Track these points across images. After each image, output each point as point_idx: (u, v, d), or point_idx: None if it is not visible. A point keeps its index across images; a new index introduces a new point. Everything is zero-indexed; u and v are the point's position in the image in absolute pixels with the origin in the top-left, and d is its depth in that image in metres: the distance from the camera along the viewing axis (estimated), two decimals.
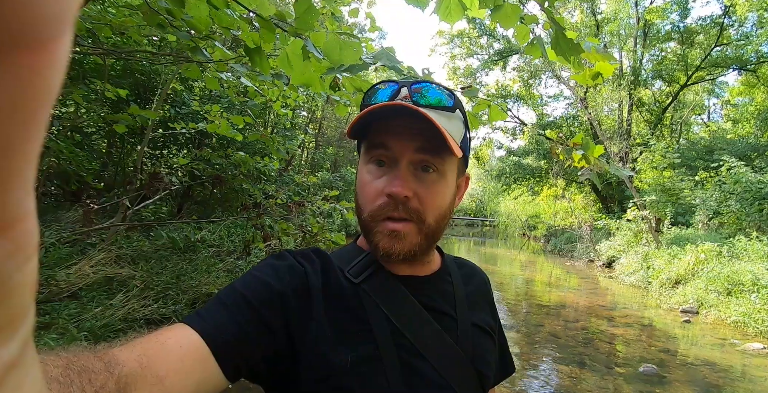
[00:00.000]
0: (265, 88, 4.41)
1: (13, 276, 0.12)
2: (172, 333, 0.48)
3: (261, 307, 0.54)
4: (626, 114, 16.01)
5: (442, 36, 19.78)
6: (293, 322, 0.56)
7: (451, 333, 0.63)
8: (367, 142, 0.62)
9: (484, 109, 2.31)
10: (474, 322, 0.67)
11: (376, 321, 0.58)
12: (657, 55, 16.83)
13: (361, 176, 0.62)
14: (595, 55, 1.86)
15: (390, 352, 0.57)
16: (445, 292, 0.68)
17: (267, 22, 2.09)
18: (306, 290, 0.58)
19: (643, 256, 9.32)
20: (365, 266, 0.63)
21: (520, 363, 4.16)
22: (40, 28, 0.11)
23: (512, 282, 9.22)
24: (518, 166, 20.20)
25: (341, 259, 0.65)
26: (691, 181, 11.08)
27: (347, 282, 0.61)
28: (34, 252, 0.13)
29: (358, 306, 0.59)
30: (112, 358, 0.40)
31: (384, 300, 0.60)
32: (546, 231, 18.46)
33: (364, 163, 0.63)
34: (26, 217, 0.13)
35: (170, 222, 5.15)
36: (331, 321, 0.57)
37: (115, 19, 3.66)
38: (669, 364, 4.29)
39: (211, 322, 0.50)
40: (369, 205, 0.60)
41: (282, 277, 0.58)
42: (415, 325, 0.60)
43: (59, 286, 2.93)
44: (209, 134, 6.24)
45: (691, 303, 6.68)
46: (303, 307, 0.57)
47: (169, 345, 0.46)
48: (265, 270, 0.59)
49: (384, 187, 0.59)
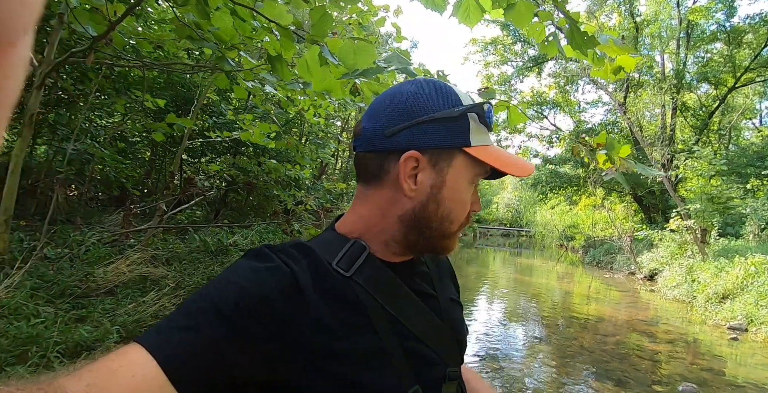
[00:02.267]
0: (298, 98, 4.55)
1: None
2: (124, 359, 0.43)
3: (240, 319, 0.48)
4: (669, 119, 15.28)
5: (476, 44, 19.70)
6: (284, 327, 0.51)
7: (435, 311, 0.67)
8: (483, 166, 0.64)
9: (503, 110, 2.28)
10: (449, 297, 0.73)
11: (374, 312, 0.59)
12: (702, 57, 16.02)
13: (466, 195, 0.65)
14: (614, 47, 1.82)
15: (393, 342, 0.58)
16: (423, 273, 0.71)
17: (286, 31, 2.18)
18: (297, 290, 0.54)
19: (687, 268, 8.81)
20: (354, 256, 0.62)
21: (553, 375, 4.03)
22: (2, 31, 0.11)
23: (549, 294, 8.93)
24: (555, 175, 19.65)
25: (325, 250, 0.62)
26: (741, 189, 10.40)
27: (338, 275, 0.59)
28: None
29: (353, 299, 0.58)
30: (57, 389, 0.37)
31: (377, 290, 0.61)
32: (584, 242, 17.79)
33: (465, 178, 0.64)
34: None
35: (204, 226, 5.36)
36: (329, 318, 0.55)
37: (151, 34, 3.91)
38: (712, 384, 4.01)
39: (172, 343, 0.45)
40: (462, 218, 0.65)
41: (263, 281, 0.52)
42: (407, 310, 0.62)
43: (97, 283, 3.12)
44: (245, 143, 6.49)
45: (739, 319, 6.23)
46: (295, 309, 0.53)
47: (121, 374, 0.41)
48: (244, 274, 0.53)
49: (472, 204, 0.66)
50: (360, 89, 2.36)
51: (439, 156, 0.61)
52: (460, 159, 0.62)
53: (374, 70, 1.82)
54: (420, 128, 0.61)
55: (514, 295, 8.61)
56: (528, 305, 7.48)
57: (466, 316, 4.61)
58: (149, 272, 3.57)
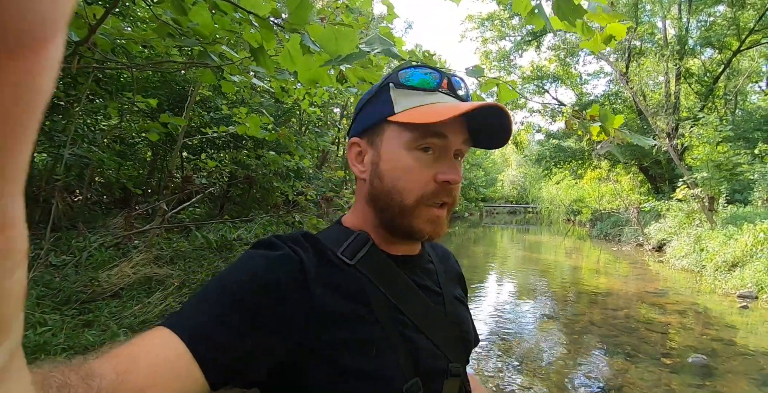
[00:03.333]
0: (292, 87, 4.48)
1: (1, 283, 0.12)
2: (151, 339, 0.45)
3: (253, 305, 0.51)
4: (673, 86, 14.96)
5: (472, 20, 19.29)
6: (292, 314, 0.54)
7: (440, 307, 0.68)
8: (418, 129, 0.62)
9: (493, 88, 2.21)
10: (455, 296, 0.74)
11: (376, 301, 0.60)
12: (705, 21, 15.54)
13: (406, 161, 0.62)
14: (602, 15, 1.74)
15: (393, 331, 0.59)
16: (429, 270, 0.72)
17: (264, 21, 2.11)
18: (303, 278, 0.56)
19: (695, 238, 8.76)
20: (358, 247, 0.64)
21: (563, 352, 4.05)
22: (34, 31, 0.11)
23: (557, 270, 8.94)
24: (559, 149, 19.46)
25: (331, 240, 0.65)
26: (749, 155, 10.22)
27: (342, 264, 0.62)
28: (23, 259, 0.13)
29: (356, 287, 0.60)
30: (89, 371, 0.38)
31: (381, 280, 0.62)
32: (591, 215, 17.75)
33: (403, 147, 0.62)
34: (14, 223, 0.12)
35: (206, 222, 5.38)
36: (331, 305, 0.57)
37: (139, 33, 3.84)
38: (722, 354, 4.00)
39: (195, 324, 0.48)
40: (417, 191, 0.62)
41: (275, 269, 0.55)
42: (410, 303, 0.63)
43: (102, 287, 3.15)
44: (244, 136, 6.44)
45: (749, 287, 6.21)
46: (302, 297, 0.55)
47: (147, 354, 0.43)
48: (257, 262, 0.56)
49: (437, 174, 0.61)
50: (345, 76, 2.31)
51: (372, 134, 0.66)
52: (390, 129, 0.64)
53: (357, 54, 1.76)
54: (359, 117, 0.68)
55: (522, 272, 8.63)
56: (537, 282, 7.50)
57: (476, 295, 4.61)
58: (153, 273, 3.60)
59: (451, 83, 0.66)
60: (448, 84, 0.66)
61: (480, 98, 2.25)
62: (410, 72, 0.65)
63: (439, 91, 0.64)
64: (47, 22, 0.11)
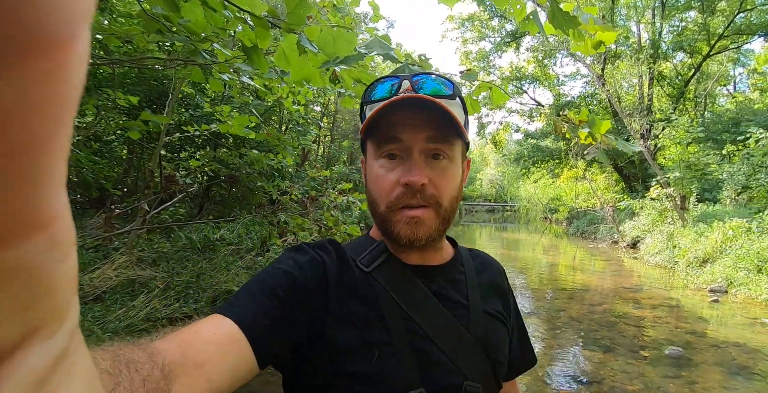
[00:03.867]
0: (275, 85, 4.42)
1: (54, 271, 0.13)
2: (206, 323, 0.50)
3: (288, 298, 0.56)
4: (647, 89, 15.44)
5: (453, 21, 19.42)
6: (314, 312, 0.58)
7: (462, 320, 0.65)
8: (376, 138, 0.64)
9: (486, 91, 2.26)
10: (486, 310, 0.69)
11: (387, 308, 0.61)
12: (677, 26, 16.08)
13: (374, 170, 0.65)
14: (594, 27, 1.81)
15: (401, 338, 0.59)
16: (456, 280, 0.70)
17: (261, 20, 2.09)
18: (324, 282, 0.61)
19: (668, 235, 9.08)
20: (376, 255, 0.66)
21: (542, 347, 4.13)
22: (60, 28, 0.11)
23: (535, 267, 9.11)
24: (537, 149, 19.83)
25: (354, 250, 0.68)
26: (718, 155, 10.66)
27: (359, 271, 0.64)
28: (72, 247, 0.14)
29: (370, 294, 0.62)
30: (154, 349, 0.42)
31: (395, 287, 0.63)
32: (568, 213, 18.14)
33: (374, 158, 0.65)
34: (61, 213, 0.13)
35: (188, 223, 5.27)
36: (345, 309, 0.59)
37: (118, 28, 3.73)
38: (696, 346, 4.18)
39: (245, 311, 0.53)
40: (386, 197, 0.63)
41: (305, 270, 0.60)
42: (425, 312, 0.63)
43: (83, 290, 3.05)
44: (225, 134, 6.33)
45: (719, 282, 6.48)
46: (322, 298, 0.59)
47: (205, 333, 0.48)
48: (289, 263, 0.61)
49: (399, 178, 0.61)
50: (340, 76, 2.31)
51: (364, 151, 0.70)
52: (367, 144, 0.68)
53: (355, 57, 1.77)
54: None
55: None
56: (515, 279, 7.63)
57: None
58: (137, 275, 3.51)
59: (415, 86, 0.65)
60: (412, 87, 0.65)
61: (474, 101, 2.29)
62: (377, 87, 0.67)
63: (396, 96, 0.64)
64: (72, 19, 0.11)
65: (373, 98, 0.66)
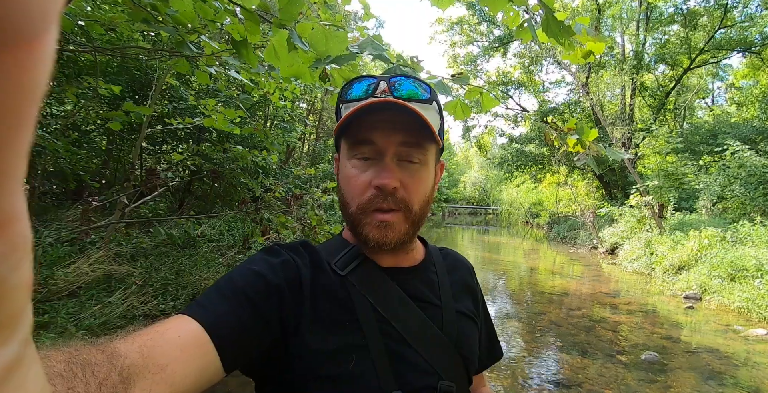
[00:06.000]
0: (262, 80, 4.35)
1: (8, 277, 0.12)
2: (171, 324, 0.48)
3: (259, 301, 0.55)
4: (629, 99, 15.80)
5: (442, 24, 19.53)
6: (287, 315, 0.57)
7: (437, 320, 0.66)
8: (350, 139, 0.64)
9: (476, 96, 2.26)
10: (458, 310, 0.70)
11: (362, 311, 0.60)
12: (660, 38, 16.52)
13: (347, 171, 0.64)
14: (587, 37, 1.83)
15: (376, 340, 0.59)
16: (430, 281, 0.71)
17: (251, 14, 2.05)
18: (298, 284, 0.60)
19: (646, 242, 9.29)
20: (351, 258, 0.66)
21: (522, 350, 4.17)
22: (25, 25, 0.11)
23: (516, 270, 9.21)
24: (520, 154, 20.06)
25: (328, 251, 0.67)
26: (695, 166, 10.96)
27: (334, 274, 0.63)
28: (28, 253, 0.13)
29: (345, 297, 0.61)
30: (113, 351, 0.40)
31: (370, 290, 0.62)
32: (549, 218, 18.44)
33: (347, 158, 0.64)
34: (18, 217, 0.12)
35: (168, 218, 5.15)
36: (320, 312, 0.59)
37: (103, 15, 3.61)
38: (671, 351, 4.28)
39: (212, 313, 0.51)
40: (357, 199, 0.62)
41: (277, 272, 0.59)
42: (400, 314, 0.62)
43: (58, 286, 2.94)
44: (208, 129, 6.22)
45: (694, 289, 6.66)
46: (296, 301, 0.58)
47: (169, 335, 0.46)
48: (261, 264, 0.60)
49: (371, 180, 0.61)
50: (330, 75, 2.29)
51: (338, 149, 0.70)
52: (341, 143, 0.67)
53: (347, 56, 1.75)
54: None
55: (481, 272, 8.82)
56: (496, 282, 7.70)
57: None
58: (113, 270, 3.40)
59: (391, 87, 0.64)
60: (389, 88, 0.64)
61: (464, 105, 2.29)
62: (353, 85, 0.66)
63: (373, 97, 0.63)
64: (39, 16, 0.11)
65: (348, 98, 0.66)
